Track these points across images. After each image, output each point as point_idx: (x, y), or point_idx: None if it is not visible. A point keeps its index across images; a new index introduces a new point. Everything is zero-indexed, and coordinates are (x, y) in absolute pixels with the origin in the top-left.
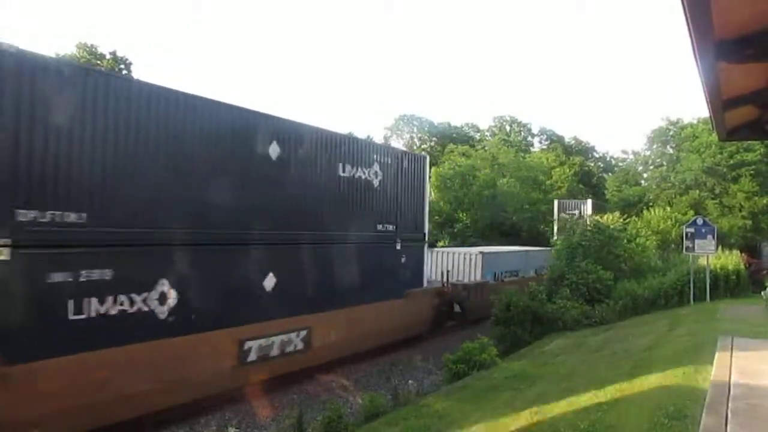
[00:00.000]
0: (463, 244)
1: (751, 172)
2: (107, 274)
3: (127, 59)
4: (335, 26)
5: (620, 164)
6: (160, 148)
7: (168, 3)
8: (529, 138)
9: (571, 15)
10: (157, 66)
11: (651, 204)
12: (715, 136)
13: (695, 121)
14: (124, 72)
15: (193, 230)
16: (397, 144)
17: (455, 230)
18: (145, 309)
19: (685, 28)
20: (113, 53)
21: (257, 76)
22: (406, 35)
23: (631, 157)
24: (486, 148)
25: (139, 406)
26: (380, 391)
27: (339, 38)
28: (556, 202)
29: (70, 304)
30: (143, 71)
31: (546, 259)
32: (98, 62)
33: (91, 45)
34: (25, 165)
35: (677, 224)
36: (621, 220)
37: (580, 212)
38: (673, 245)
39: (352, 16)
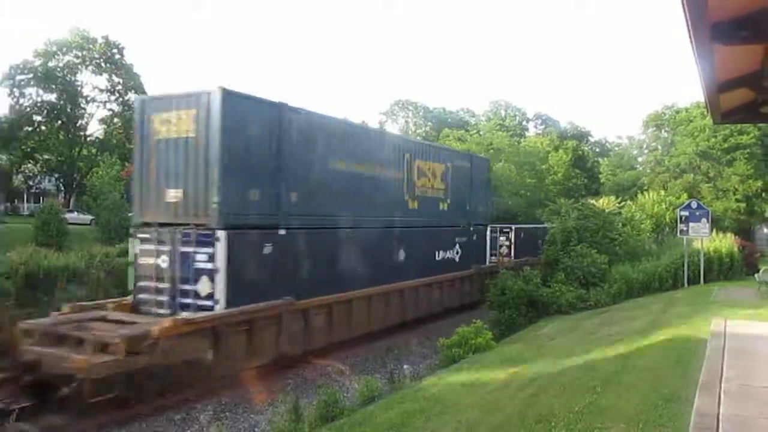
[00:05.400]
0: None
1: (746, 155)
2: None
3: (119, 44)
4: (331, 11)
5: (615, 149)
6: None
7: None
8: (524, 123)
9: None
10: (150, 47)
11: (645, 188)
12: (709, 120)
13: (690, 105)
14: (117, 56)
15: None
16: (393, 129)
17: None
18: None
19: (680, 10)
20: (105, 38)
21: (249, 58)
22: (402, 20)
23: (626, 141)
24: (481, 132)
25: None
26: (376, 375)
27: (334, 23)
28: None
29: None
30: (136, 55)
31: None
32: (90, 46)
33: (83, 30)
34: None
35: (671, 208)
36: (616, 203)
37: None
38: (667, 229)
39: (348, 0)
